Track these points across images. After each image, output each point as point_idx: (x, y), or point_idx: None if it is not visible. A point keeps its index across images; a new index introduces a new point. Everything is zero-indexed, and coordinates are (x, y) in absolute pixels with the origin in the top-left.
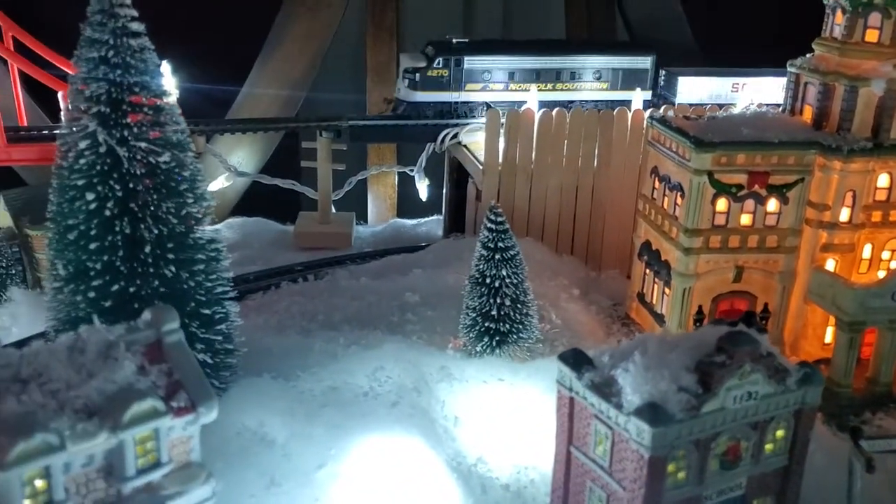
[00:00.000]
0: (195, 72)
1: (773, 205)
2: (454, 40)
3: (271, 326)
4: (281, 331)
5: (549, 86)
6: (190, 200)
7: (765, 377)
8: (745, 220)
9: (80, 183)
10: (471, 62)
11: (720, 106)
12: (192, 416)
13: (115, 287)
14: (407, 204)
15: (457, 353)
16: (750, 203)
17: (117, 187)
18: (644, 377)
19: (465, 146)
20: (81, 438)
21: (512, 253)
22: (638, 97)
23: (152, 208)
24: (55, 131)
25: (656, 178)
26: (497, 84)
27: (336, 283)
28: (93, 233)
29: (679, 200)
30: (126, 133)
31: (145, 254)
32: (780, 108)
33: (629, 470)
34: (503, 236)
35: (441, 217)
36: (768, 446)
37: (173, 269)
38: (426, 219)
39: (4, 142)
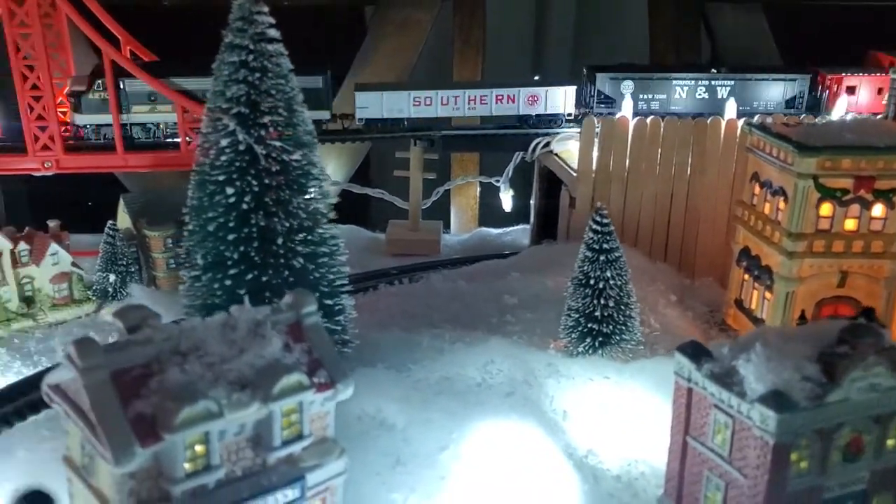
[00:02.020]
0: None
1: (878, 209)
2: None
3: (376, 324)
4: (386, 328)
5: None
6: (317, 196)
7: (888, 370)
8: (850, 224)
9: (220, 178)
10: (131, 85)
11: None
12: (331, 393)
13: (250, 276)
14: (488, 214)
15: (558, 353)
16: (855, 208)
17: (254, 182)
18: (767, 367)
19: (556, 155)
20: (236, 407)
21: (616, 255)
22: (731, 107)
23: (284, 203)
24: (167, 139)
25: (757, 184)
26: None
27: (432, 286)
28: (231, 225)
29: (782, 205)
30: (263, 132)
31: (277, 245)
32: (883, 115)
33: (751, 458)
34: (608, 238)
35: (527, 226)
36: (890, 441)
37: (301, 260)
38: (512, 228)
39: (122, 149)
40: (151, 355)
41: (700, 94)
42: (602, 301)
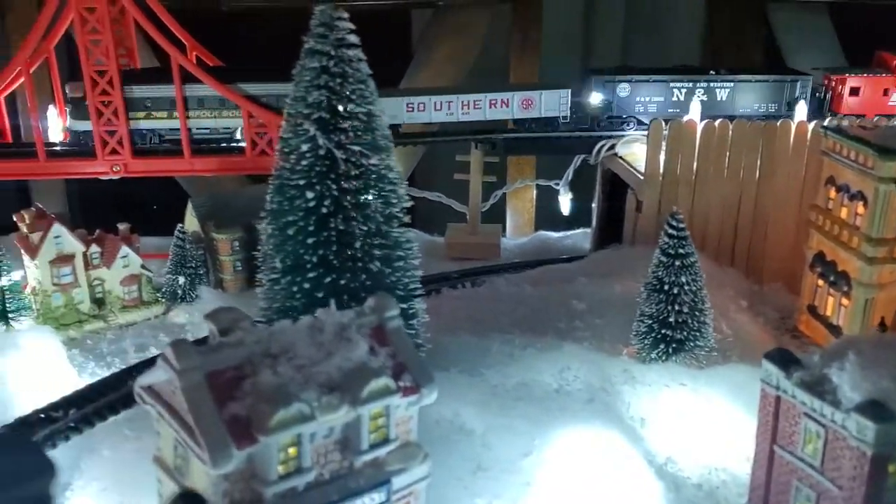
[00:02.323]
0: None
1: None
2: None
3: (443, 328)
4: (453, 332)
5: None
6: (394, 200)
7: None
8: None
9: (300, 182)
10: (129, 91)
11: None
12: (416, 397)
13: (328, 279)
14: (544, 217)
15: (631, 359)
16: None
17: (333, 187)
18: (862, 375)
19: (621, 158)
20: (327, 410)
21: (691, 260)
22: (802, 109)
23: (362, 206)
24: (232, 144)
25: (833, 188)
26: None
27: (496, 290)
28: (310, 228)
29: (861, 209)
30: (343, 137)
31: (355, 249)
32: None
33: (846, 468)
34: (683, 243)
35: (588, 230)
36: None
37: (378, 264)
38: (572, 231)
39: (189, 153)
40: (243, 357)
41: (699, 97)
42: (676, 307)
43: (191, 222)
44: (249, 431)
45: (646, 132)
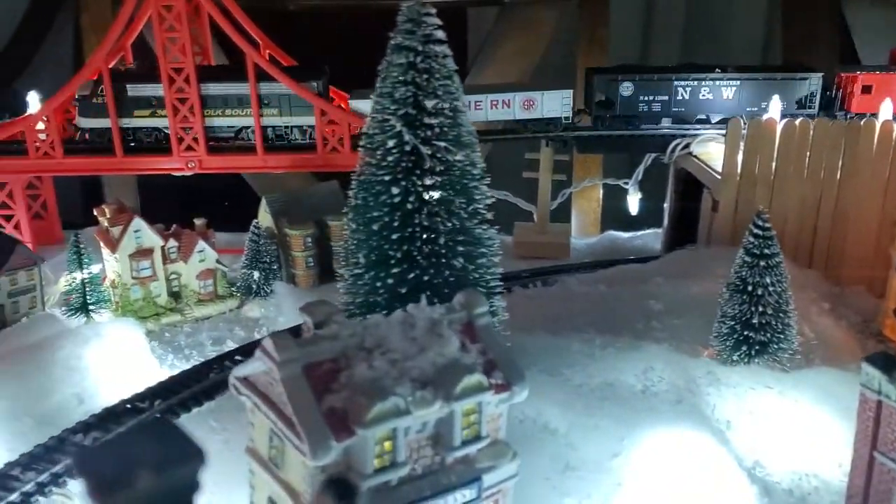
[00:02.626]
0: None
1: None
2: (121, 68)
3: (518, 327)
4: (530, 331)
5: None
6: (478, 197)
7: None
8: None
9: (386, 178)
10: (134, 90)
11: None
12: (507, 395)
13: (412, 275)
14: (610, 217)
15: (712, 361)
16: None
17: (419, 182)
18: None
19: (696, 157)
20: (421, 405)
21: (777, 260)
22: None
23: (447, 203)
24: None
25: None
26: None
27: (569, 290)
28: (395, 224)
29: None
30: (429, 133)
31: (439, 245)
32: None
33: None
34: (769, 243)
35: (659, 230)
36: None
37: (462, 260)
38: (642, 232)
39: (262, 150)
40: (339, 350)
41: (704, 95)
42: (760, 308)
43: (264, 218)
44: (347, 424)
45: (721, 131)
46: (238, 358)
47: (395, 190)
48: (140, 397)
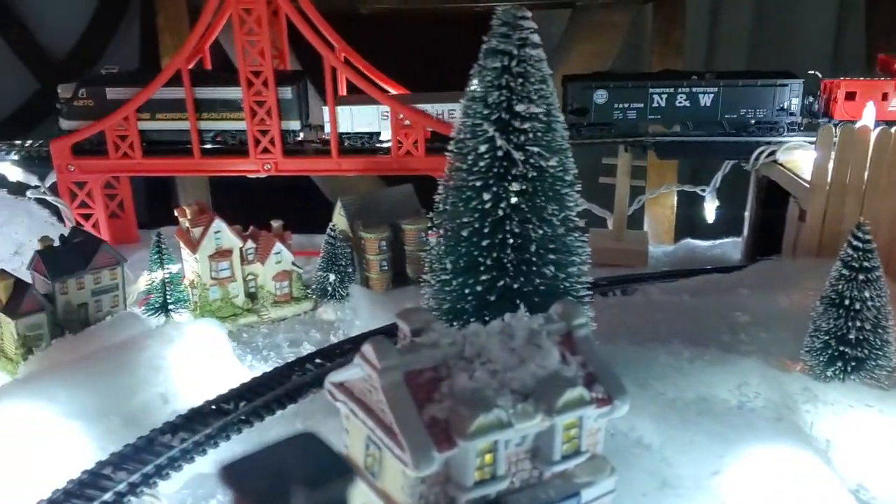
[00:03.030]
0: None
1: None
2: (103, 71)
3: (601, 336)
4: (613, 341)
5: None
6: (570, 204)
7: None
8: None
9: (477, 184)
10: (114, 93)
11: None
12: (608, 409)
13: (501, 283)
14: (685, 225)
15: (804, 376)
16: None
17: (511, 188)
18: None
19: (781, 164)
20: (522, 418)
21: (877, 274)
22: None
23: (539, 209)
24: (377, 144)
25: None
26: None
27: (651, 299)
28: (486, 230)
29: None
30: (522, 138)
31: (530, 252)
32: None
33: None
34: (869, 256)
35: (738, 239)
36: None
37: (552, 269)
38: (721, 241)
39: (336, 153)
40: (439, 359)
41: (680, 102)
42: (857, 323)
43: (339, 221)
44: (449, 435)
45: (810, 138)
46: (318, 361)
47: (486, 196)
48: (224, 398)
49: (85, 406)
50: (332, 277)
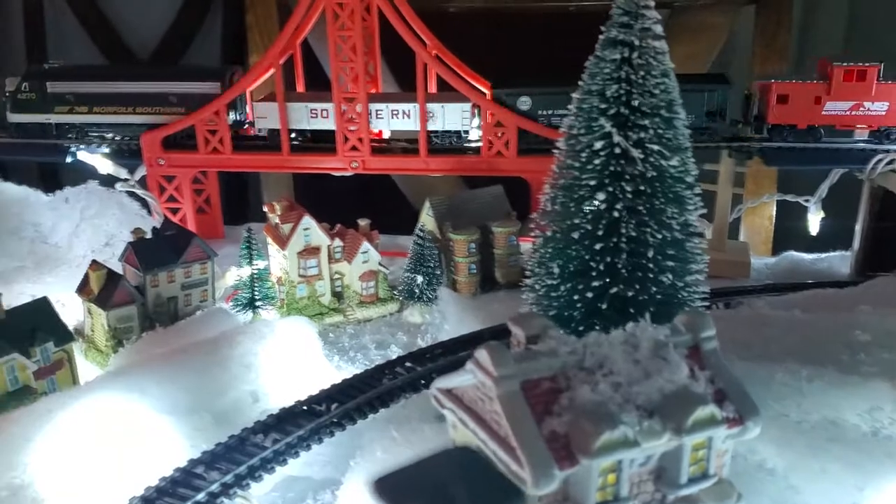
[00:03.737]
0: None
1: None
2: (46, 66)
3: None
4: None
5: (129, 109)
6: (690, 207)
7: None
8: None
9: (591, 183)
10: (54, 86)
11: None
12: (739, 430)
13: (614, 289)
14: (783, 236)
15: None
16: None
17: (627, 189)
18: None
19: None
20: (649, 437)
21: None
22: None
23: (658, 212)
24: (463, 143)
25: None
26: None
27: (758, 314)
28: (599, 233)
29: None
30: (642, 135)
31: (647, 258)
32: None
33: None
34: None
35: (846, 253)
36: None
37: (670, 276)
38: (826, 254)
39: (425, 153)
40: (557, 368)
41: None
42: None
43: (427, 221)
44: (570, 451)
45: None
46: (408, 364)
47: (600, 196)
48: (315, 399)
49: (176, 401)
50: (419, 279)
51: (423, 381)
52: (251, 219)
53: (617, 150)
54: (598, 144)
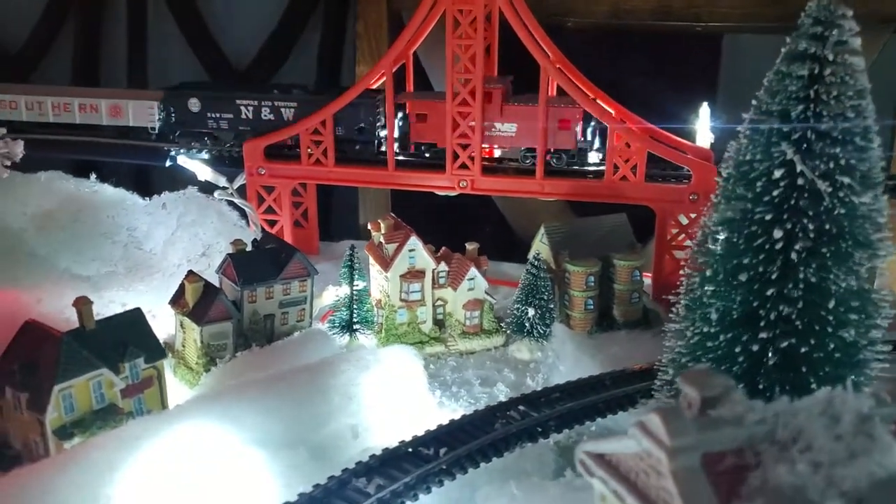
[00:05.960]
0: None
1: None
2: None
3: None
4: None
5: None
6: (882, 253)
7: None
8: None
9: (767, 217)
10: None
11: None
12: None
13: (785, 343)
14: None
15: None
16: None
17: (810, 227)
18: None
19: None
20: None
21: None
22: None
23: (844, 257)
24: (584, 167)
25: None
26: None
27: None
28: (773, 277)
29: None
30: (831, 165)
31: (827, 309)
32: None
33: None
34: None
35: None
36: None
37: (853, 332)
38: None
39: (541, 174)
40: (743, 440)
41: (266, 115)
42: None
43: (541, 249)
44: None
45: None
46: (521, 408)
47: (777, 233)
48: (422, 441)
49: (272, 433)
50: (531, 312)
51: (539, 429)
52: (334, 235)
53: (800, 181)
54: (778, 173)
